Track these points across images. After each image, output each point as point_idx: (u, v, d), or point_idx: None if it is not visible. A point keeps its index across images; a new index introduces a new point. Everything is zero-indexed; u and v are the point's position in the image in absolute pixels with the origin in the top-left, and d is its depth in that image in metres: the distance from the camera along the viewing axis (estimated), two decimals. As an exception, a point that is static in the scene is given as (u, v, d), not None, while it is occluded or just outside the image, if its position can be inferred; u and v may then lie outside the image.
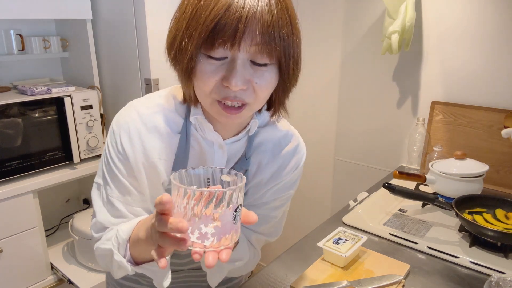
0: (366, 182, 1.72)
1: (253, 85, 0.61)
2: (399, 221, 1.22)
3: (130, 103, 0.75)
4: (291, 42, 0.61)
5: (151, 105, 0.73)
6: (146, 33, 1.54)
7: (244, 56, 0.59)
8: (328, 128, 1.98)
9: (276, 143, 0.79)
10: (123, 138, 0.70)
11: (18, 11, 1.50)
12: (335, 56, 1.87)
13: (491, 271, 0.97)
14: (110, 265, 0.71)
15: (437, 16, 1.55)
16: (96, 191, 0.75)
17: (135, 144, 0.70)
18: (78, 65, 1.88)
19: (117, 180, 0.72)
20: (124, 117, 0.72)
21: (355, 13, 1.77)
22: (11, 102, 1.49)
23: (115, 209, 0.72)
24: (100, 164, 0.76)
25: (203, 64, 0.60)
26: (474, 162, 1.32)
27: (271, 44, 0.58)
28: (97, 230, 0.74)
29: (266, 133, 0.78)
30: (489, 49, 1.47)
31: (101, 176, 0.75)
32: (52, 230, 2.00)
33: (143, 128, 0.70)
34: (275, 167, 0.79)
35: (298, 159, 0.81)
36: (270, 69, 0.62)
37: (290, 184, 0.82)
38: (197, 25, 0.57)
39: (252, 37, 0.57)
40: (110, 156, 0.72)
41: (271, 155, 0.79)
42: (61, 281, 1.71)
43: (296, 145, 0.82)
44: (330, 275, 0.93)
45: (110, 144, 0.72)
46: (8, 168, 1.52)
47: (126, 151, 0.70)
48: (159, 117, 0.72)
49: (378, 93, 1.78)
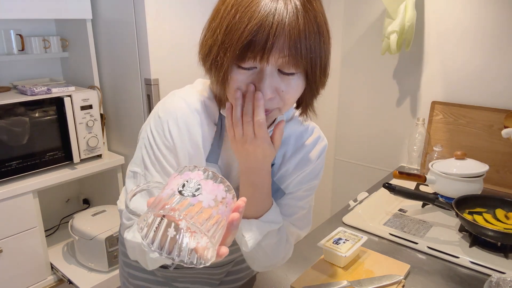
0: (366, 182, 1.72)
1: (279, 93, 0.65)
2: (399, 221, 1.22)
3: (173, 93, 0.77)
4: (318, 52, 0.64)
5: (196, 95, 0.75)
6: (146, 33, 1.54)
7: (272, 67, 0.63)
8: (328, 128, 1.98)
9: (298, 136, 0.83)
10: (171, 125, 0.72)
11: (18, 11, 1.49)
12: (335, 56, 1.87)
13: (491, 271, 0.97)
14: (141, 258, 0.72)
15: (438, 16, 1.55)
16: (132, 180, 0.76)
17: (183, 131, 0.72)
18: (78, 65, 1.88)
19: (161, 167, 0.73)
20: (172, 105, 0.74)
21: (355, 13, 1.77)
22: (11, 102, 1.49)
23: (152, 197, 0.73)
24: (137, 153, 0.77)
25: (234, 74, 0.64)
26: (474, 162, 1.32)
27: (297, 56, 0.61)
28: (129, 217, 0.75)
29: (289, 128, 0.82)
30: (489, 49, 1.47)
31: (139, 164, 0.75)
32: (52, 230, 2.00)
33: (190, 116, 0.73)
34: (298, 158, 0.83)
35: (320, 149, 0.85)
36: (297, 77, 0.65)
37: (313, 175, 0.85)
38: (231, 41, 0.61)
39: (280, 50, 0.60)
40: (156, 142, 0.73)
41: (294, 147, 0.83)
42: (61, 281, 1.71)
43: (317, 136, 0.86)
44: (330, 275, 0.93)
45: (155, 131, 0.73)
46: (8, 168, 1.52)
47: (174, 138, 0.72)
48: (203, 107, 0.75)
49: (378, 93, 1.78)
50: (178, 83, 0.83)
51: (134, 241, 0.72)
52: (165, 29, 1.58)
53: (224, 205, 0.51)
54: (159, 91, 1.59)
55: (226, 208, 0.51)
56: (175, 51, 1.60)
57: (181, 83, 0.79)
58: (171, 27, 1.58)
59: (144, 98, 1.64)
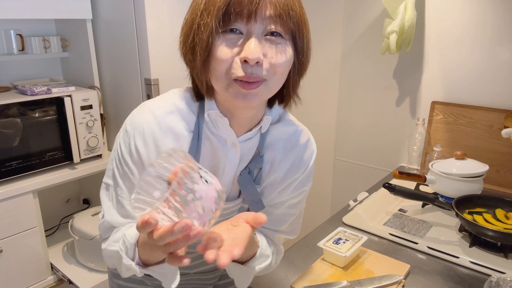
0: (366, 182, 1.72)
1: (269, 60, 0.62)
2: (399, 221, 1.22)
3: (143, 104, 0.74)
4: (302, 24, 0.64)
5: (165, 105, 0.72)
6: (146, 33, 1.54)
7: (260, 29, 0.60)
8: (328, 128, 1.98)
9: (287, 139, 0.79)
10: (137, 140, 0.70)
11: (18, 11, 1.49)
12: (335, 56, 1.87)
13: (491, 271, 0.97)
14: (118, 266, 0.71)
15: (438, 16, 1.55)
16: (105, 191, 0.75)
17: (150, 146, 0.70)
18: (78, 65, 1.88)
19: (129, 182, 0.72)
20: (139, 118, 0.71)
21: (355, 13, 1.77)
22: (11, 102, 1.49)
23: (125, 210, 0.72)
24: (109, 164, 0.75)
25: (219, 42, 0.61)
26: (474, 162, 1.32)
27: (284, 17, 0.60)
28: (105, 230, 0.74)
29: (276, 131, 0.78)
30: (489, 49, 1.47)
31: (110, 177, 0.74)
32: (52, 230, 2.00)
33: (157, 130, 0.70)
34: (288, 164, 0.79)
35: (310, 154, 0.82)
36: (285, 43, 0.63)
37: (305, 181, 0.82)
38: (214, 3, 0.59)
39: (267, 7, 0.59)
40: (123, 157, 0.72)
41: (283, 152, 0.79)
42: (61, 281, 1.71)
43: (307, 140, 0.82)
44: (330, 275, 0.93)
45: (123, 145, 0.72)
46: (8, 168, 1.52)
47: (140, 153, 0.70)
48: (173, 117, 0.71)
49: (378, 93, 1.78)
50: (178, 83, 0.82)
51: (111, 249, 0.71)
52: (165, 29, 1.58)
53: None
54: (159, 91, 1.59)
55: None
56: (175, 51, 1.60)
57: (181, 83, 0.79)
58: (171, 27, 1.58)
59: (144, 98, 1.64)
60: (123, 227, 0.72)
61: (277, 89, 0.68)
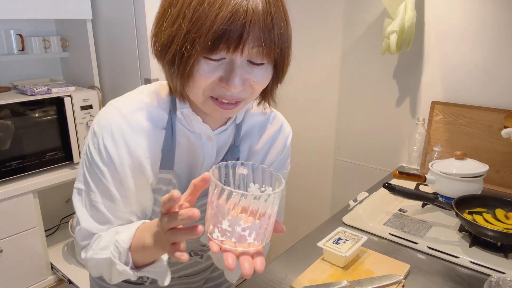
0: (366, 182, 1.72)
1: (250, 83, 0.62)
2: (399, 221, 1.22)
3: (110, 103, 0.72)
4: (286, 40, 0.62)
5: (133, 103, 0.70)
6: (146, 33, 1.54)
7: (243, 58, 0.59)
8: (328, 128, 1.98)
9: (262, 126, 0.81)
10: (106, 139, 0.67)
11: (18, 11, 1.49)
12: (335, 56, 1.87)
13: (491, 271, 0.97)
14: (106, 273, 0.69)
15: (437, 16, 1.55)
16: (77, 197, 0.72)
17: (119, 145, 0.67)
18: (78, 65, 1.88)
19: (101, 184, 0.69)
20: (106, 117, 0.69)
21: (355, 13, 1.77)
22: (11, 102, 1.49)
23: (100, 214, 0.70)
24: (80, 169, 0.72)
25: (201, 65, 0.58)
26: (474, 162, 1.32)
27: (271, 46, 0.59)
28: (83, 237, 0.71)
29: (250, 119, 0.80)
30: (489, 49, 1.47)
31: (82, 181, 0.71)
32: (52, 230, 2.00)
33: (126, 127, 0.68)
34: (265, 149, 0.80)
35: (285, 138, 0.83)
36: (266, 66, 0.62)
37: (281, 165, 0.83)
38: (200, 32, 0.55)
39: (255, 40, 0.57)
40: (93, 159, 0.69)
41: (258, 138, 0.80)
42: (61, 281, 1.71)
43: (280, 125, 0.83)
44: (330, 275, 0.93)
45: (92, 147, 0.69)
46: (8, 168, 1.52)
47: (110, 153, 0.67)
48: (142, 114, 0.69)
49: (378, 93, 1.78)
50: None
51: (98, 258, 0.68)
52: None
53: None
54: (159, 91, 1.59)
55: None
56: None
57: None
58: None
59: (144, 98, 1.64)
60: (106, 233, 0.70)
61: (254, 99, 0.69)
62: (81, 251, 0.73)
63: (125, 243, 0.64)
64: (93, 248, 0.70)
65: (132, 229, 0.66)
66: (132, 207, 0.72)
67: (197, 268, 0.92)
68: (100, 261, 0.68)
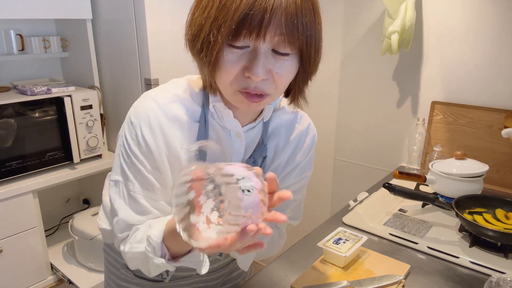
0: (366, 182, 1.72)
1: (273, 74, 0.61)
2: (399, 221, 1.22)
3: (145, 94, 0.73)
4: (314, 30, 0.61)
5: (168, 95, 0.72)
6: (146, 33, 1.54)
7: (267, 46, 0.59)
8: (328, 128, 1.98)
9: (289, 125, 0.80)
10: (144, 129, 0.69)
11: (18, 11, 1.49)
12: (335, 56, 1.87)
13: (491, 271, 0.97)
14: (144, 267, 0.70)
15: (437, 16, 1.55)
16: (114, 189, 0.73)
17: (157, 134, 0.69)
18: (78, 65, 1.88)
19: (140, 175, 0.70)
20: (143, 108, 0.70)
21: (355, 13, 1.77)
22: (11, 102, 1.49)
23: (139, 205, 0.71)
24: (116, 161, 0.74)
25: (226, 54, 0.60)
26: (474, 162, 1.32)
27: (294, 33, 0.58)
28: (121, 229, 0.72)
29: (278, 118, 0.79)
30: (489, 49, 1.47)
31: (119, 173, 0.72)
32: (52, 230, 2.00)
33: (163, 118, 0.69)
34: (291, 149, 0.80)
35: (312, 138, 0.83)
36: (291, 58, 0.62)
37: (307, 165, 0.83)
38: (226, 17, 0.56)
39: (277, 27, 0.57)
40: (131, 149, 0.70)
41: (286, 137, 0.80)
42: (61, 281, 1.71)
43: (308, 124, 0.83)
44: (330, 275, 0.93)
45: (129, 137, 0.70)
46: (8, 168, 1.52)
47: (148, 142, 0.69)
48: (178, 106, 0.71)
49: (378, 93, 1.78)
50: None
51: (135, 251, 0.69)
52: (165, 29, 1.58)
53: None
54: (159, 91, 1.59)
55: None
56: (175, 51, 1.60)
57: (181, 83, 0.79)
58: (171, 27, 1.58)
59: (144, 98, 1.64)
60: (142, 226, 0.70)
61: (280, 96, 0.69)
62: (120, 244, 0.73)
63: (157, 237, 0.64)
64: (130, 242, 0.70)
65: (163, 222, 0.66)
66: (168, 196, 0.73)
67: (216, 266, 0.91)
68: (136, 254, 0.69)
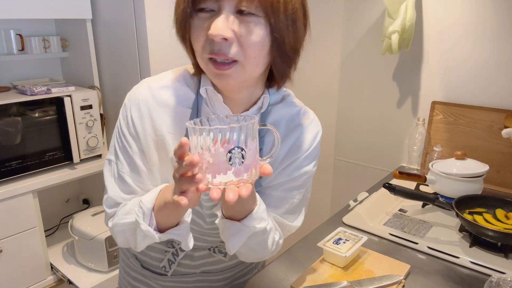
0: (366, 182, 1.72)
1: (238, 38, 0.60)
2: (399, 221, 1.22)
3: (143, 80, 0.77)
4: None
5: (163, 81, 0.75)
6: (146, 33, 1.54)
7: (230, 6, 0.59)
8: (328, 128, 1.98)
9: (290, 119, 0.78)
10: (133, 111, 0.72)
11: (18, 11, 1.49)
12: (335, 56, 1.87)
13: (491, 271, 0.97)
14: (132, 238, 0.71)
15: (437, 16, 1.55)
16: (107, 167, 0.76)
17: (144, 117, 0.72)
18: (78, 65, 1.88)
19: (127, 156, 0.74)
20: (135, 91, 0.74)
21: (355, 13, 1.77)
22: (10, 102, 1.49)
23: (126, 185, 0.74)
24: (112, 140, 0.77)
25: (194, 20, 0.62)
26: (474, 162, 1.32)
27: None
28: (110, 206, 0.75)
29: (279, 111, 0.77)
30: (489, 49, 1.47)
31: (112, 152, 0.76)
32: (52, 230, 2.00)
33: (152, 102, 0.72)
34: (289, 144, 0.77)
35: (314, 134, 0.79)
36: (257, 21, 0.60)
37: (306, 163, 0.79)
38: None
39: None
40: (121, 130, 0.74)
41: (285, 131, 0.77)
42: (61, 281, 1.71)
43: (311, 119, 0.80)
44: (330, 275, 0.93)
45: (121, 118, 0.75)
46: (7, 168, 1.52)
47: (135, 124, 0.72)
48: (170, 91, 0.73)
49: (378, 93, 1.78)
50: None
51: (123, 222, 0.70)
52: (165, 29, 1.58)
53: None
54: (159, 91, 1.59)
55: None
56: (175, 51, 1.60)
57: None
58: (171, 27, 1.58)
59: (144, 98, 1.64)
60: (129, 201, 0.73)
61: (256, 72, 0.66)
62: (108, 221, 0.76)
63: (148, 203, 0.66)
64: (117, 215, 0.73)
65: (156, 190, 0.68)
66: (157, 181, 0.75)
67: (220, 267, 0.90)
68: (124, 225, 0.71)
